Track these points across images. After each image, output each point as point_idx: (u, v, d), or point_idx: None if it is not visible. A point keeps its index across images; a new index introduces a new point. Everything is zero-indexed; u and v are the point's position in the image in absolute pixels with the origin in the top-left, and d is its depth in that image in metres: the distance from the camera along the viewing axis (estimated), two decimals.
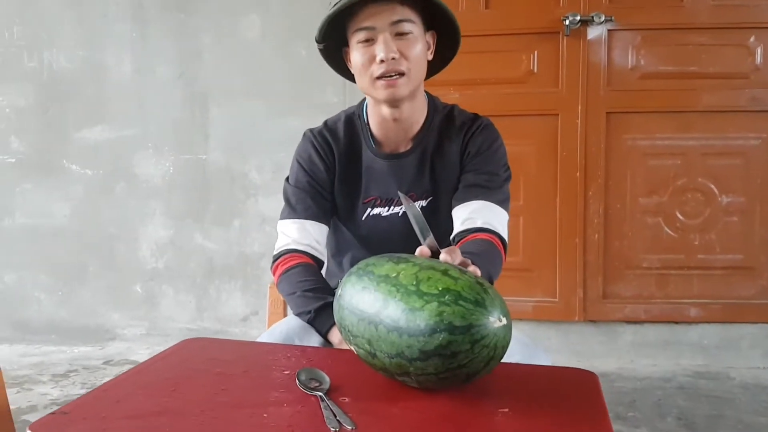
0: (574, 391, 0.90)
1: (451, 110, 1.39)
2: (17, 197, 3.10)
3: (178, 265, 3.05)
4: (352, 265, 1.40)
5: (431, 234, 0.97)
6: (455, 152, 1.34)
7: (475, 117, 1.38)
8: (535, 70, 2.76)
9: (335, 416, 0.78)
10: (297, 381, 0.90)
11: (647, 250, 2.79)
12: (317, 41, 1.30)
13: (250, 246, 2.98)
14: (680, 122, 2.73)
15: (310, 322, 1.22)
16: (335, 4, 1.21)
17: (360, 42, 1.23)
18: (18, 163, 3.08)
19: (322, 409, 0.81)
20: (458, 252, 0.95)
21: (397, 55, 1.21)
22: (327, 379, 0.90)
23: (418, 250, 0.96)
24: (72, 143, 3.05)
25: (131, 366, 2.80)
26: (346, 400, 0.84)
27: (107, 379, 2.62)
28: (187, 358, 1.05)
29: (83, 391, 2.51)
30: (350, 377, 0.93)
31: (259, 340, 1.22)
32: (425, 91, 1.38)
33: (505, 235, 1.29)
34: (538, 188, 2.80)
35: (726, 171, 2.74)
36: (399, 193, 1.11)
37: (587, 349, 2.84)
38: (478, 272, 0.96)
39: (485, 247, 1.22)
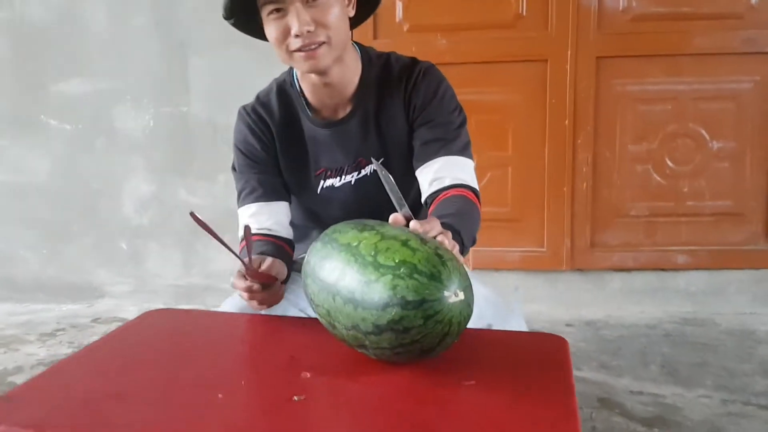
0: (541, 358, 0.87)
1: (387, 59, 1.29)
2: None
3: (163, 221, 3.01)
4: (315, 232, 1.36)
5: (406, 205, 0.94)
6: (398, 106, 1.26)
7: (413, 62, 1.28)
8: (524, 13, 2.67)
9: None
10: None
11: (636, 198, 2.77)
12: (225, 18, 1.21)
13: (236, 201, 2.94)
14: (672, 66, 2.66)
15: None
16: None
17: (270, 14, 1.14)
18: None
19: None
20: (436, 222, 0.91)
21: (312, 27, 1.11)
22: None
23: (391, 217, 0.92)
24: (49, 97, 2.96)
25: (120, 324, 2.80)
26: (308, 375, 0.82)
27: (95, 338, 2.63)
28: (146, 333, 1.01)
29: (70, 351, 2.51)
30: (314, 348, 0.90)
31: (221, 308, 1.18)
32: (356, 44, 1.29)
33: (475, 185, 1.23)
34: (526, 137, 2.75)
35: (717, 116, 2.69)
36: (372, 160, 1.06)
37: (575, 298, 2.84)
38: (446, 243, 0.90)
39: (461, 205, 1.16)
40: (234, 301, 1.17)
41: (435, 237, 0.89)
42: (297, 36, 1.12)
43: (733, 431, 1.83)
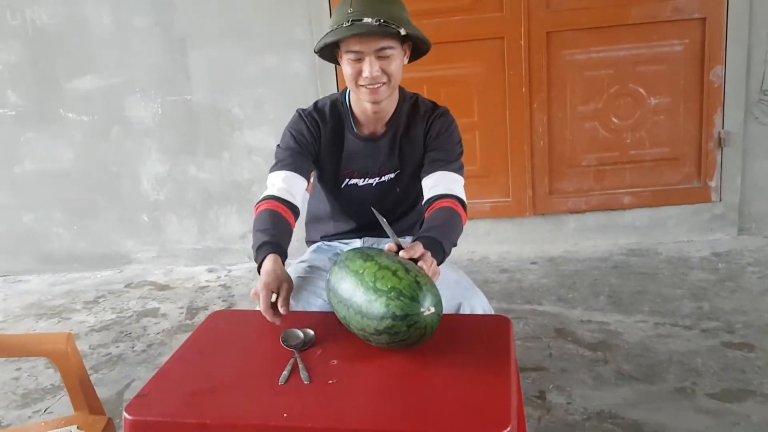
0: (491, 336, 1.26)
1: (416, 100, 1.71)
2: (23, 146, 3.40)
3: (177, 195, 3.42)
4: (335, 218, 1.79)
5: (396, 236, 1.35)
6: (420, 135, 1.68)
7: (435, 106, 1.70)
8: None
9: (305, 370, 1.14)
10: (280, 340, 1.25)
11: (586, 151, 3.21)
12: (315, 52, 1.61)
13: (240, 174, 3.35)
14: (612, 35, 3.06)
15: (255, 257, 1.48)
16: (332, 29, 1.51)
17: (350, 59, 1.54)
18: (18, 115, 3.36)
19: (298, 363, 1.17)
20: (419, 246, 1.30)
21: (379, 73, 1.52)
22: (301, 336, 1.26)
23: (386, 246, 1.32)
24: (65, 93, 3.31)
25: (150, 287, 3.30)
26: (335, 362, 1.19)
27: (132, 302, 3.10)
28: (216, 335, 1.36)
29: (114, 316, 2.95)
30: (335, 340, 1.27)
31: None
32: None
33: (462, 196, 1.64)
34: (489, 105, 3.16)
35: (653, 76, 3.11)
36: (372, 209, 1.43)
37: (538, 238, 3.33)
38: (425, 267, 1.27)
39: (447, 217, 1.55)
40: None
41: (417, 260, 1.28)
42: (366, 76, 1.52)
43: (661, 350, 2.28)
